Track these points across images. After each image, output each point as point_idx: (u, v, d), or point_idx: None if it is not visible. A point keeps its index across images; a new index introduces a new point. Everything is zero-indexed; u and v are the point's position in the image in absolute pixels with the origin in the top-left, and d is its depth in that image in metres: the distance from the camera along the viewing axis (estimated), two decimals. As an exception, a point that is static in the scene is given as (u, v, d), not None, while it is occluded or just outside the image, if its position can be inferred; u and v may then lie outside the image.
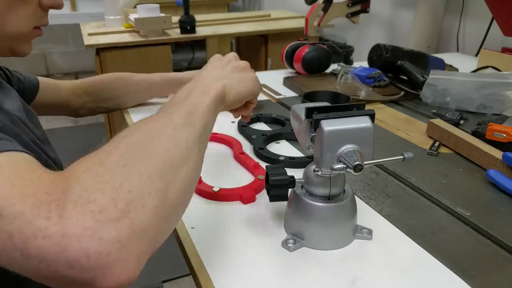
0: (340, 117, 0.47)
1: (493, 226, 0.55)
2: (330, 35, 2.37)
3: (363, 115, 0.48)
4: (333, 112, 0.48)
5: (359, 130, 0.47)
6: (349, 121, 0.47)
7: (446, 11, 1.58)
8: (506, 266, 0.49)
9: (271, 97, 1.07)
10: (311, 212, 0.50)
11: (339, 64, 1.26)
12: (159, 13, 1.95)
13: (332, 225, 0.51)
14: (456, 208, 0.60)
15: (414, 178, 0.67)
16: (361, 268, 0.48)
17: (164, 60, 1.98)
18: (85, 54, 3.61)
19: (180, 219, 0.48)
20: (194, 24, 2.03)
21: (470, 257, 0.51)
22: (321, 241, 0.51)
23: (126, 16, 2.07)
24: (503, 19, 1.16)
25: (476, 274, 0.48)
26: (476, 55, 1.44)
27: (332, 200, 0.51)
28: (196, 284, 0.47)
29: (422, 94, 0.99)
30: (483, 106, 0.93)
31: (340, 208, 0.50)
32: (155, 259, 0.43)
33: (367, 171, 0.70)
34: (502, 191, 0.64)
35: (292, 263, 0.49)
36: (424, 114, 0.95)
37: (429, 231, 0.55)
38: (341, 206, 0.50)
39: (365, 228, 0.54)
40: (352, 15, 1.78)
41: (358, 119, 0.47)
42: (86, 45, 1.84)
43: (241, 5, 3.35)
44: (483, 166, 0.70)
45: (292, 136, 0.81)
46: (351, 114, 0.48)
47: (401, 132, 0.86)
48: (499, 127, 0.72)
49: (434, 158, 0.75)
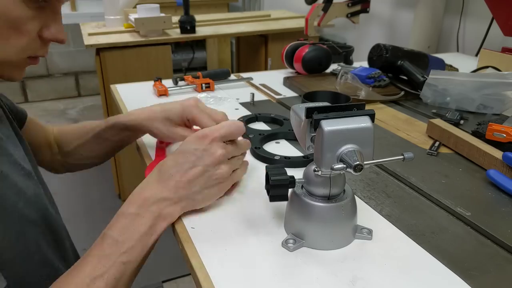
0: (340, 117, 0.47)
1: (493, 226, 0.55)
2: (330, 35, 2.37)
3: (363, 115, 0.48)
4: (333, 112, 0.48)
5: (359, 130, 0.46)
6: (349, 121, 0.47)
7: (446, 11, 1.58)
8: (506, 266, 0.49)
9: (271, 97, 1.07)
10: (311, 212, 0.50)
11: (339, 64, 1.26)
12: (159, 13, 1.95)
13: (332, 225, 0.51)
14: (456, 208, 0.60)
15: (414, 178, 0.67)
16: (361, 268, 0.48)
17: (164, 60, 1.98)
18: (85, 54, 3.62)
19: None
20: (194, 24, 2.03)
21: (470, 257, 0.51)
22: (321, 241, 0.51)
23: (126, 16, 2.07)
24: (503, 19, 1.17)
25: (476, 274, 0.48)
26: (476, 55, 1.44)
27: (332, 200, 0.51)
28: (196, 284, 0.47)
29: (422, 94, 0.99)
30: (483, 106, 0.93)
31: (340, 208, 0.50)
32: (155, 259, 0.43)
33: (367, 171, 0.70)
34: (502, 191, 0.64)
35: (292, 263, 0.49)
36: (424, 114, 0.95)
37: (429, 231, 0.55)
38: (341, 206, 0.50)
39: (365, 228, 0.54)
40: (352, 15, 1.78)
41: (358, 119, 0.47)
42: (86, 45, 1.84)
43: (241, 5, 3.35)
44: (483, 166, 0.70)
45: (290, 136, 0.81)
46: (351, 114, 0.48)
47: (401, 132, 0.86)
48: (499, 127, 0.72)
49: (434, 158, 0.75)
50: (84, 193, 2.35)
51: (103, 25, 2.15)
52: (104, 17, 2.13)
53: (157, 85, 1.10)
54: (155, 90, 1.10)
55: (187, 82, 1.14)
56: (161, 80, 1.14)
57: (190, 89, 1.12)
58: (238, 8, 3.37)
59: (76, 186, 2.44)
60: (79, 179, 2.47)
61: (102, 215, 2.17)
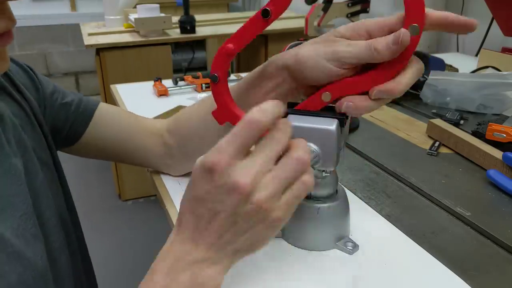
0: (310, 116, 0.45)
1: (493, 226, 0.55)
2: (330, 35, 2.37)
3: (332, 118, 0.44)
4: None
5: (319, 131, 0.43)
6: (315, 120, 0.44)
7: (446, 11, 1.58)
8: (506, 266, 0.49)
9: (271, 97, 1.07)
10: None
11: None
12: (159, 13, 1.95)
13: (306, 224, 0.51)
14: (456, 208, 0.60)
15: (414, 178, 0.67)
16: (361, 268, 0.48)
17: (164, 60, 1.98)
18: (85, 54, 3.61)
19: None
20: (194, 24, 2.03)
21: (470, 257, 0.51)
22: (294, 237, 0.51)
23: (126, 16, 2.07)
24: (503, 19, 1.16)
25: (476, 274, 0.48)
26: (476, 55, 1.44)
27: (310, 200, 0.50)
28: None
29: (422, 94, 0.99)
30: (483, 106, 0.93)
31: (315, 210, 0.50)
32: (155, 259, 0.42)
33: (367, 171, 0.70)
34: (502, 191, 0.64)
35: (292, 263, 0.49)
36: (424, 114, 0.95)
37: (429, 231, 0.55)
38: (316, 208, 0.50)
39: (352, 242, 0.52)
40: (352, 15, 1.78)
41: (325, 121, 0.44)
42: (86, 45, 1.84)
43: (241, 5, 3.35)
44: (483, 166, 0.70)
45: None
46: (324, 114, 0.45)
47: (401, 132, 0.86)
48: (499, 127, 0.72)
49: (434, 158, 0.75)
50: (84, 193, 2.35)
51: (103, 25, 2.15)
52: (104, 17, 2.13)
53: (157, 85, 1.11)
54: (155, 90, 1.10)
55: (187, 82, 1.14)
56: (161, 80, 1.14)
57: (190, 89, 1.12)
58: (238, 8, 3.37)
59: (76, 186, 2.44)
60: (79, 179, 2.47)
61: (102, 215, 2.17)
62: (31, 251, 0.43)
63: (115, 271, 1.79)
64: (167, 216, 0.61)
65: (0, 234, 0.39)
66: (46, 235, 0.48)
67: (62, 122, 0.59)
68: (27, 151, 0.49)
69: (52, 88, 0.60)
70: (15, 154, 0.46)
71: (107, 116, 0.63)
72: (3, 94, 0.51)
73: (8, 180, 0.43)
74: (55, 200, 0.53)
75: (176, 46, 3.27)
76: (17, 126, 0.49)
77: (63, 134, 0.60)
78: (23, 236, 0.42)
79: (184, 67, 3.18)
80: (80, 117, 0.61)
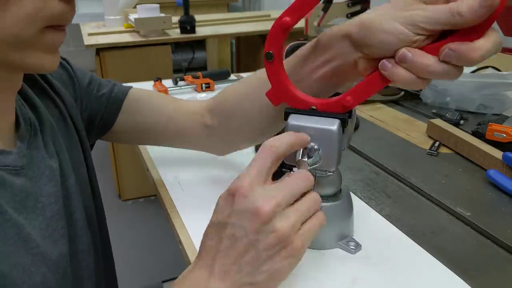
0: (311, 115, 0.45)
1: (493, 226, 0.55)
2: (330, 35, 2.37)
3: (334, 118, 0.44)
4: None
5: (321, 130, 0.43)
6: (317, 120, 0.44)
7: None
8: (506, 266, 0.49)
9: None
10: None
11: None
12: (159, 13, 1.95)
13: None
14: (456, 208, 0.60)
15: (414, 178, 0.67)
16: (361, 268, 0.48)
17: (164, 60, 1.98)
18: (85, 54, 3.62)
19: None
20: (194, 24, 2.03)
21: (470, 257, 0.51)
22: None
23: (126, 16, 2.07)
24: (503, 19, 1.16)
25: (476, 274, 0.48)
26: (476, 55, 1.43)
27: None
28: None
29: (422, 94, 0.99)
30: (483, 106, 0.93)
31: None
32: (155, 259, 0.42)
33: (367, 171, 0.70)
34: (502, 191, 0.64)
35: (292, 263, 0.49)
36: (424, 114, 0.95)
37: (429, 231, 0.55)
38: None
39: (354, 242, 0.52)
40: (352, 15, 1.78)
41: (327, 121, 0.44)
42: (86, 45, 1.84)
43: (241, 5, 3.35)
44: (483, 166, 0.70)
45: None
46: (325, 114, 0.45)
47: (401, 132, 0.86)
48: (499, 127, 0.72)
49: (434, 158, 0.75)
50: (84, 193, 2.34)
51: (103, 25, 2.15)
52: (104, 17, 2.13)
53: (157, 85, 1.11)
54: (155, 90, 1.10)
55: (187, 82, 1.14)
56: (161, 80, 1.14)
57: (190, 89, 1.12)
58: (238, 8, 3.37)
59: (76, 186, 2.44)
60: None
61: (102, 215, 2.17)
62: (57, 252, 0.43)
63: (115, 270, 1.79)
64: (167, 216, 0.61)
65: (27, 234, 0.39)
66: (73, 236, 0.48)
67: (95, 112, 0.60)
68: (62, 152, 0.49)
69: (88, 79, 0.60)
70: (51, 156, 0.47)
71: (138, 102, 0.63)
72: (43, 94, 0.51)
73: (42, 181, 0.44)
74: (84, 201, 0.53)
75: (176, 46, 3.27)
76: (55, 128, 0.50)
77: (96, 124, 0.61)
78: (50, 237, 0.43)
79: (184, 67, 3.17)
80: (110, 107, 0.61)
